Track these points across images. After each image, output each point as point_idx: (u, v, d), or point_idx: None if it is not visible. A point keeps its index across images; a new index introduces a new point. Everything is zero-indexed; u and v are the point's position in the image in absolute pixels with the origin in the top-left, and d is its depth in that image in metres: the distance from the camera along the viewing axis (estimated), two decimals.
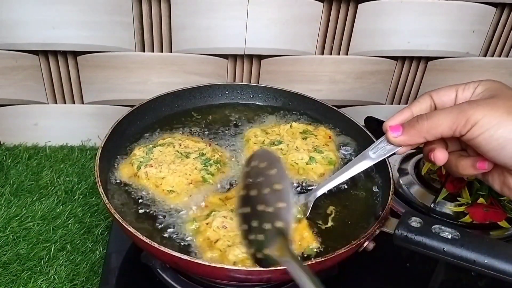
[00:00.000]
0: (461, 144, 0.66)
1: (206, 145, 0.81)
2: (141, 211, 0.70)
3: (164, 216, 0.69)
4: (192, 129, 0.86)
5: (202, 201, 0.72)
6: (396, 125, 0.65)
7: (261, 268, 0.59)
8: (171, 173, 0.74)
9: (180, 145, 0.80)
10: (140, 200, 0.72)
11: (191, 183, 0.74)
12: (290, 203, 0.51)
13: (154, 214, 0.70)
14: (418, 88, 1.15)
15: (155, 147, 0.79)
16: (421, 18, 1.02)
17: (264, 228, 0.51)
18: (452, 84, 0.65)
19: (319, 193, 0.71)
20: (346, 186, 0.77)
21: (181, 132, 0.85)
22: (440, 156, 0.63)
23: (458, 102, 0.63)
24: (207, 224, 0.67)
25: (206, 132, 0.86)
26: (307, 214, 0.70)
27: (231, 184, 0.76)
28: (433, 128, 0.60)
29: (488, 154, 0.58)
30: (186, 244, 0.66)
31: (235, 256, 0.62)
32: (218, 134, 0.86)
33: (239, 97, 0.95)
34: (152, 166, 0.75)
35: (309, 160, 0.79)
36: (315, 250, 0.66)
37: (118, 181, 0.75)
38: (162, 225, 0.68)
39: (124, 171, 0.76)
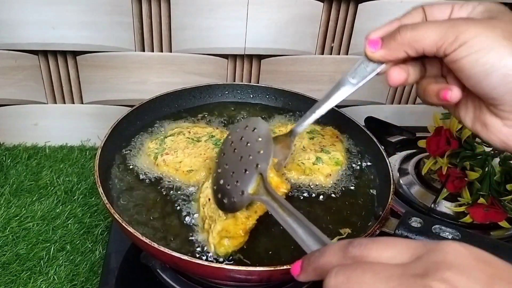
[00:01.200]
0: (442, 70, 0.57)
1: (214, 129, 0.83)
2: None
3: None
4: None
5: None
6: (376, 39, 0.55)
7: (261, 268, 0.59)
8: (187, 156, 0.77)
9: (190, 132, 0.82)
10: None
11: (207, 159, 0.76)
12: (268, 150, 0.61)
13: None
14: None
15: (166, 137, 0.81)
16: None
17: (243, 173, 0.61)
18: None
19: (300, 130, 0.67)
20: (345, 186, 0.77)
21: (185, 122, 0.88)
22: (394, 75, 0.55)
23: None
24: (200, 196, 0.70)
25: None
26: (289, 156, 0.70)
27: None
28: (417, 41, 0.51)
29: (469, 81, 0.50)
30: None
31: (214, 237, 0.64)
32: None
33: (239, 97, 0.95)
34: (168, 154, 0.78)
35: (316, 160, 0.79)
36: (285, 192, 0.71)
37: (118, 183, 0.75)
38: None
39: (141, 161, 0.79)
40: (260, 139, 0.62)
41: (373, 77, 0.57)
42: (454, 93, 0.52)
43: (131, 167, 0.77)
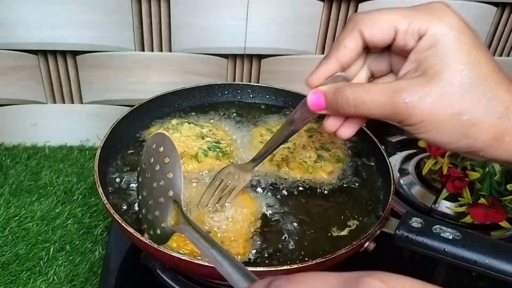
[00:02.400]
0: (390, 60, 0.55)
1: (227, 140, 0.81)
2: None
3: None
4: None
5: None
6: (318, 92, 0.55)
7: (261, 268, 0.59)
8: (176, 141, 0.77)
9: (210, 131, 0.82)
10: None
11: (181, 153, 0.76)
12: (177, 172, 0.54)
13: None
14: None
15: (184, 124, 0.83)
16: None
17: (160, 202, 0.56)
18: (392, 12, 0.51)
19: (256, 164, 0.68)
20: (345, 185, 0.77)
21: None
22: (329, 125, 0.56)
23: (395, 50, 0.52)
24: None
25: None
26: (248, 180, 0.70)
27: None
28: (361, 113, 0.52)
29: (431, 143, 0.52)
30: None
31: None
32: None
33: (239, 97, 0.95)
34: (167, 131, 0.80)
35: (317, 158, 0.78)
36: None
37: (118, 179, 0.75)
38: None
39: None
40: (167, 159, 0.56)
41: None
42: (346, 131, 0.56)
43: (131, 167, 0.77)
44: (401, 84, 0.49)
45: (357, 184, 0.78)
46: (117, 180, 0.75)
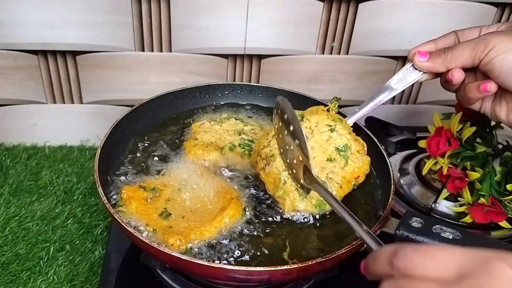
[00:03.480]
0: (476, 77, 0.70)
1: (266, 141, 0.80)
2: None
3: None
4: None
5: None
6: (425, 51, 0.70)
7: (261, 268, 0.59)
8: (213, 132, 0.82)
9: (252, 130, 0.85)
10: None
11: (212, 143, 0.80)
12: (301, 139, 0.64)
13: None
14: (418, 88, 1.14)
15: (231, 119, 0.87)
16: (422, 18, 1.02)
17: (294, 163, 0.67)
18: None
19: (355, 117, 0.79)
20: None
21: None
22: (457, 74, 0.67)
23: None
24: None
25: None
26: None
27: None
28: (456, 58, 0.66)
29: (499, 77, 0.63)
30: None
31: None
32: None
33: (239, 97, 0.95)
34: (209, 122, 0.85)
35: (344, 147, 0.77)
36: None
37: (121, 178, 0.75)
38: None
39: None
40: (291, 127, 0.66)
41: (373, 77, 0.63)
42: (492, 85, 0.65)
43: (130, 167, 0.77)
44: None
45: (353, 187, 0.77)
46: (117, 180, 0.75)
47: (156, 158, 0.79)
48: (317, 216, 0.71)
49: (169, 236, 0.64)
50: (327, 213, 0.71)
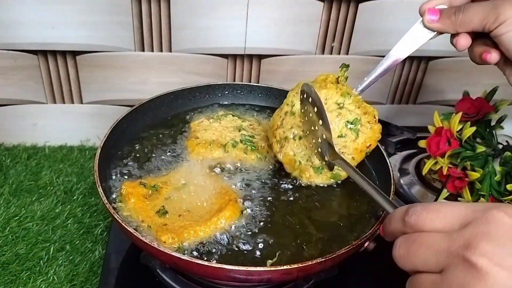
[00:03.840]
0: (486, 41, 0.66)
1: (264, 136, 0.83)
2: None
3: None
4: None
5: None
6: (435, 9, 0.66)
7: (261, 268, 0.59)
8: (213, 130, 0.83)
9: (251, 125, 0.86)
10: None
11: (213, 141, 0.80)
12: (325, 119, 0.65)
13: None
14: (419, 87, 1.14)
15: (228, 115, 0.87)
16: None
17: (319, 142, 0.69)
18: None
19: (364, 85, 0.80)
20: (345, 185, 0.77)
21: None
22: (462, 41, 0.65)
23: None
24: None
25: None
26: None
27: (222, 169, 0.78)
28: (466, 23, 0.62)
29: (509, 52, 0.61)
30: None
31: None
32: None
33: (239, 97, 0.95)
34: (208, 120, 0.85)
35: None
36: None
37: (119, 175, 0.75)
38: None
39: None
40: (315, 108, 0.67)
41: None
42: (493, 56, 0.64)
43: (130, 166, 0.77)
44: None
45: (353, 187, 0.77)
46: (118, 179, 0.75)
47: (157, 157, 0.79)
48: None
49: (162, 234, 0.64)
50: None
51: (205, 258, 0.63)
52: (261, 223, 0.69)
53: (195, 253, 0.63)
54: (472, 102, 0.86)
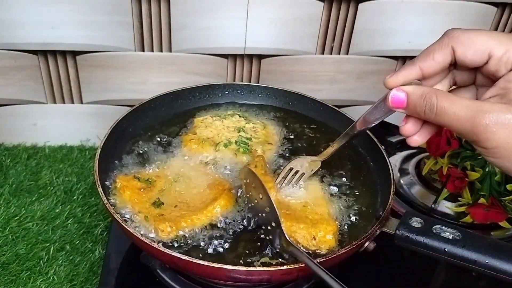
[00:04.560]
0: (476, 81, 0.57)
1: (262, 141, 0.83)
2: None
3: None
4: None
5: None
6: (401, 90, 0.54)
7: (261, 268, 0.59)
8: (213, 128, 0.83)
9: (254, 128, 0.85)
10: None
11: (208, 138, 0.80)
12: (272, 206, 0.61)
13: None
14: None
15: (235, 115, 0.87)
16: (422, 18, 1.02)
17: (269, 228, 0.63)
18: (489, 36, 0.52)
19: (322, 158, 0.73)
20: (347, 185, 0.77)
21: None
22: (408, 129, 0.57)
23: (483, 72, 0.53)
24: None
25: None
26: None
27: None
28: (440, 122, 0.52)
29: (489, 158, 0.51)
30: None
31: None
32: None
33: (239, 97, 0.95)
34: (212, 117, 0.86)
35: None
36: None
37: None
38: None
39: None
40: (260, 195, 0.63)
41: (373, 77, 0.61)
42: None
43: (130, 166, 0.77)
44: (485, 107, 0.49)
45: (353, 187, 0.77)
46: (117, 179, 0.75)
47: (155, 152, 0.80)
48: None
49: (160, 223, 0.65)
50: None
51: (203, 246, 0.64)
52: None
53: (192, 242, 0.65)
54: None
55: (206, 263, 0.58)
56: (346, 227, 0.70)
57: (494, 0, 1.01)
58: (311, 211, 0.69)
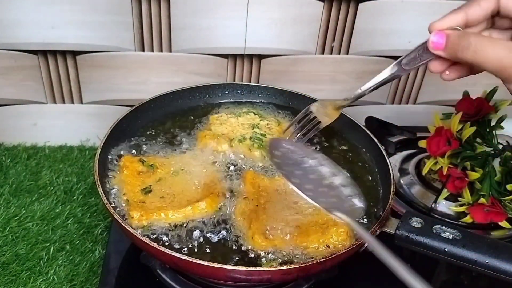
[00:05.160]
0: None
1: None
2: None
3: None
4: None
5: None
6: (441, 34, 0.57)
7: (261, 269, 0.59)
8: (228, 124, 0.85)
9: (268, 124, 0.87)
10: None
11: (223, 134, 0.82)
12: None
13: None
14: (419, 87, 1.14)
15: (251, 113, 0.89)
16: (422, 18, 1.02)
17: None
18: None
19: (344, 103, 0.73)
20: None
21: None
22: (436, 65, 0.61)
23: None
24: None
25: None
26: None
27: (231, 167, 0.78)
28: (478, 63, 0.54)
29: None
30: None
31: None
32: None
33: (239, 97, 0.95)
34: (227, 115, 0.87)
35: None
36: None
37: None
38: None
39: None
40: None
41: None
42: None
43: None
44: None
45: (357, 183, 0.77)
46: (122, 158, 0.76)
47: (155, 152, 0.80)
48: None
49: (133, 209, 0.67)
50: None
51: (168, 243, 0.64)
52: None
53: (164, 238, 0.65)
54: (472, 102, 0.86)
55: (206, 263, 0.58)
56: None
57: None
58: (321, 212, 0.68)
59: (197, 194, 0.72)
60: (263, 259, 0.63)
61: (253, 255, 0.64)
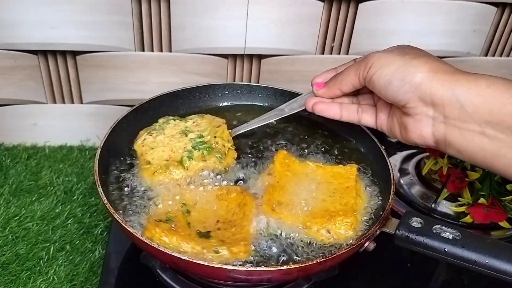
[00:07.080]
0: (374, 100, 0.74)
1: (220, 125, 0.82)
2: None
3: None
4: None
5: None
6: (320, 82, 0.75)
7: (261, 268, 0.59)
8: (160, 145, 0.77)
9: (194, 122, 0.82)
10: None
11: (167, 160, 0.74)
12: None
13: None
14: None
15: (170, 121, 0.82)
16: (422, 18, 1.02)
17: None
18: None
19: (235, 133, 0.82)
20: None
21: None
22: (318, 107, 0.75)
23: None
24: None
25: None
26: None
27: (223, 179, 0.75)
28: (344, 79, 0.70)
29: (380, 92, 0.65)
30: None
31: None
32: None
33: (239, 97, 0.95)
34: (151, 134, 0.79)
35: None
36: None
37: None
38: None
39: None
40: None
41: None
42: (326, 90, 0.75)
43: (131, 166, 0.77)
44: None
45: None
46: (117, 180, 0.75)
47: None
48: None
49: (154, 226, 0.64)
50: None
51: None
52: None
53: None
54: None
55: (206, 263, 0.58)
56: None
57: (494, 0, 1.01)
58: (337, 202, 0.70)
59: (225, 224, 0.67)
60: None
61: None
